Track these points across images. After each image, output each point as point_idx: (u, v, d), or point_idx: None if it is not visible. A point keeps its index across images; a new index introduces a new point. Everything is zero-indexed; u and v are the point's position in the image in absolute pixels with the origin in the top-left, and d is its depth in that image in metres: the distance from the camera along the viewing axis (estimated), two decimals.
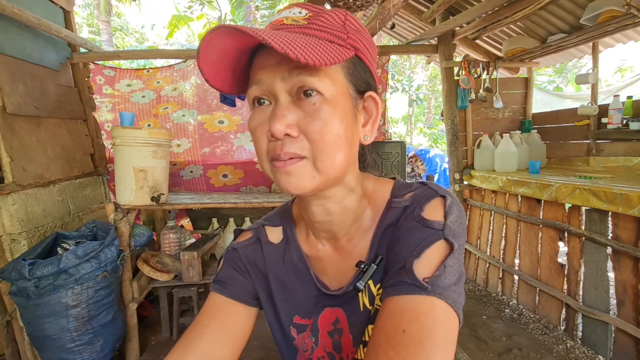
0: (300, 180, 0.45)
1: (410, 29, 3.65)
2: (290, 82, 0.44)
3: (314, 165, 0.45)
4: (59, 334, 1.68)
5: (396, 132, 12.70)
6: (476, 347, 2.14)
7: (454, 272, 0.44)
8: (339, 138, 0.45)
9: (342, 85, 0.46)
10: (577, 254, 2.11)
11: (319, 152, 0.44)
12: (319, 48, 0.41)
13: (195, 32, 12.06)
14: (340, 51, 0.43)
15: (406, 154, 2.63)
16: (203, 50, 0.42)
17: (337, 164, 0.46)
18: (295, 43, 0.39)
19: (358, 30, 0.48)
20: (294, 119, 0.44)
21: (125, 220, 2.03)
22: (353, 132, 0.48)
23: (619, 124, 2.40)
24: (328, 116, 0.44)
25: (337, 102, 0.45)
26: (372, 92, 0.51)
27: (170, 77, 2.87)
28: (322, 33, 0.45)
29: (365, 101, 0.50)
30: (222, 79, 0.47)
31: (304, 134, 0.44)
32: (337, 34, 0.45)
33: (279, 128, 0.43)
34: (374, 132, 0.52)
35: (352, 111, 0.47)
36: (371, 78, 0.51)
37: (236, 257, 0.62)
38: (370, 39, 0.51)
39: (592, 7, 2.14)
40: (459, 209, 0.49)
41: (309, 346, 0.59)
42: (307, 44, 0.41)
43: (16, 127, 1.89)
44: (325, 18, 0.46)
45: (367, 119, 0.51)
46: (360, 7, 1.94)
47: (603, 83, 9.44)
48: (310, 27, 0.45)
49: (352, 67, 0.48)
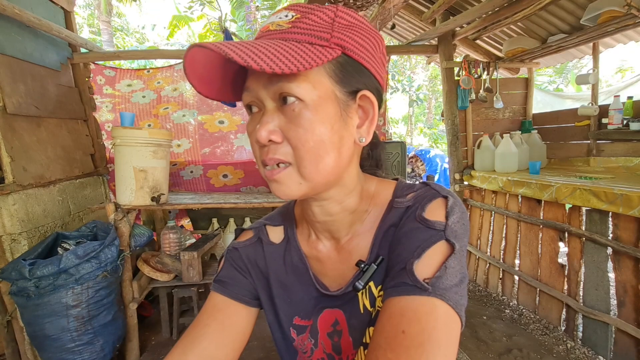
0: (287, 188, 0.46)
1: (411, 29, 3.65)
2: (271, 89, 0.44)
3: (298, 172, 0.45)
4: (59, 334, 1.68)
5: (396, 132, 12.69)
6: (476, 348, 2.14)
7: (456, 273, 0.43)
8: (321, 144, 0.44)
9: (326, 88, 0.44)
10: (577, 254, 2.11)
11: (301, 159, 0.44)
12: (293, 53, 0.40)
13: (195, 32, 12.03)
14: (321, 53, 0.42)
15: (406, 154, 2.63)
16: (189, 69, 0.44)
17: (322, 170, 0.45)
18: (265, 51, 0.39)
19: (351, 26, 0.45)
20: (277, 124, 0.44)
21: (126, 220, 2.04)
22: (342, 135, 0.46)
23: (619, 124, 2.39)
24: (308, 122, 0.43)
25: (319, 106, 0.43)
26: (365, 91, 0.47)
27: (170, 77, 2.87)
28: (303, 36, 0.43)
29: (360, 100, 0.47)
30: (217, 89, 0.49)
31: (287, 140, 0.44)
32: (320, 35, 0.43)
33: (262, 135, 0.44)
34: (370, 132, 0.49)
35: (338, 114, 0.45)
36: (368, 76, 0.48)
37: (237, 256, 0.62)
38: (371, 33, 0.48)
39: (592, 7, 2.14)
40: (461, 209, 0.49)
41: (309, 347, 0.58)
42: (282, 51, 0.40)
43: (17, 127, 1.89)
44: (312, 18, 0.44)
45: (364, 119, 0.49)
46: (360, 8, 1.94)
47: (603, 83, 9.44)
48: (291, 31, 0.44)
49: (338, 67, 0.45)
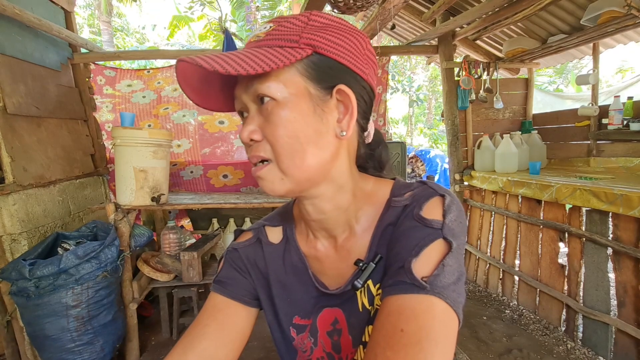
0: (271, 184, 0.48)
1: (411, 30, 3.66)
2: (250, 92, 0.47)
3: (279, 168, 0.47)
4: (59, 334, 1.68)
5: (396, 132, 12.70)
6: (476, 348, 2.14)
7: (453, 272, 0.44)
8: (295, 139, 0.46)
9: (298, 86, 0.46)
10: (577, 254, 2.11)
11: (278, 154, 0.46)
12: (262, 57, 0.43)
13: (196, 32, 12.04)
14: (289, 53, 0.44)
15: (406, 155, 2.63)
16: (182, 82, 0.48)
17: (301, 165, 0.47)
18: (236, 58, 0.42)
19: (324, 27, 0.47)
20: (257, 124, 0.47)
21: (126, 221, 2.04)
22: (317, 129, 0.47)
23: (619, 124, 2.39)
24: (280, 119, 0.45)
25: (291, 103, 0.45)
26: (341, 86, 0.47)
27: (170, 78, 2.87)
28: (274, 41, 0.46)
29: (338, 94, 0.48)
30: (214, 100, 0.53)
31: (265, 138, 0.47)
32: (289, 38, 0.46)
33: (243, 135, 0.48)
34: (351, 126, 0.48)
35: (312, 110, 0.46)
36: (346, 71, 0.48)
37: (237, 257, 0.63)
38: (349, 32, 0.48)
39: (592, 7, 2.14)
40: (459, 208, 0.49)
41: (308, 347, 0.59)
42: (250, 56, 0.43)
43: (17, 128, 1.90)
44: (285, 25, 0.47)
45: (344, 113, 0.49)
46: (360, 8, 1.94)
47: (603, 84, 9.44)
48: (265, 39, 0.47)
49: (310, 65, 0.46)
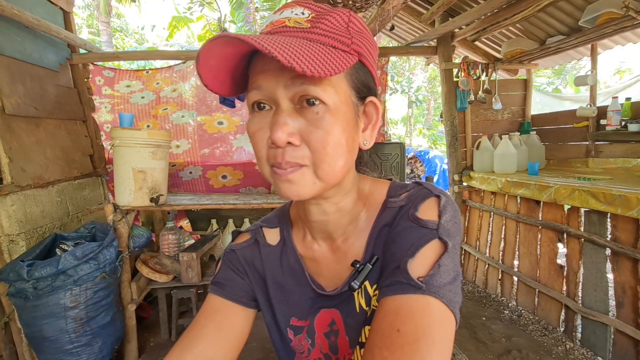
0: (301, 188, 0.45)
1: (410, 31, 3.66)
2: (293, 90, 0.43)
3: (314, 173, 0.45)
4: (57, 335, 1.67)
5: (395, 133, 12.71)
6: (475, 349, 2.14)
7: (449, 272, 0.44)
8: (340, 146, 0.44)
9: (345, 93, 0.46)
10: (576, 255, 2.11)
11: (320, 161, 0.44)
12: (323, 56, 0.40)
13: (195, 33, 12.03)
14: (345, 58, 0.42)
15: (405, 155, 2.63)
16: (203, 57, 0.41)
17: (337, 171, 0.46)
18: (300, 52, 0.38)
19: (361, 32, 0.47)
20: (296, 127, 0.43)
21: (124, 221, 2.03)
22: (354, 139, 0.48)
23: (617, 125, 2.40)
24: (330, 125, 0.43)
25: (340, 110, 0.44)
26: (372, 97, 0.50)
27: (169, 78, 2.87)
28: (326, 38, 0.43)
29: (366, 106, 0.50)
30: (221, 82, 0.46)
31: (306, 143, 0.44)
32: (341, 39, 0.44)
33: (280, 136, 0.42)
34: (373, 137, 0.51)
35: (353, 118, 0.47)
36: (372, 82, 0.50)
37: (234, 258, 0.62)
38: (372, 40, 0.50)
39: (590, 9, 2.15)
40: (454, 208, 0.50)
41: (306, 348, 0.59)
42: (312, 52, 0.40)
43: (15, 128, 1.89)
44: (329, 20, 0.45)
45: (367, 124, 0.51)
46: (359, 9, 1.95)
47: (602, 85, 9.45)
48: (314, 32, 0.44)
49: (355, 73, 0.47)
